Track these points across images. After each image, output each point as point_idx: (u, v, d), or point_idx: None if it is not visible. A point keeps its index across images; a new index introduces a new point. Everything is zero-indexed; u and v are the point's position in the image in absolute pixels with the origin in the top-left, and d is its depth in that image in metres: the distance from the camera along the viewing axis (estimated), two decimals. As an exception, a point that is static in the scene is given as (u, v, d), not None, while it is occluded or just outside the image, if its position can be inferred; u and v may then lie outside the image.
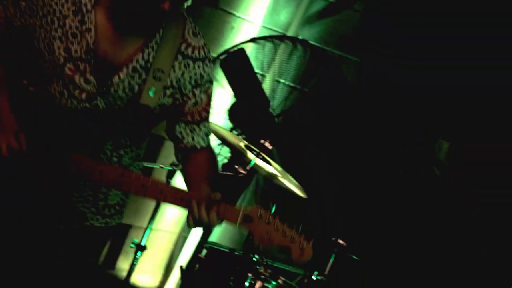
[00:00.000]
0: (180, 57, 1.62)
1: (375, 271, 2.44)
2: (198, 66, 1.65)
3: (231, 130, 2.76)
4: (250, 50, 2.97)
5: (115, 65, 1.61)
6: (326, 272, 2.24)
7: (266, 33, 3.14)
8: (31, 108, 1.66)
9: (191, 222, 1.56)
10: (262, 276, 2.27)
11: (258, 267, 2.25)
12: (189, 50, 1.62)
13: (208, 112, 1.76)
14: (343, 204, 2.91)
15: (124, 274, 2.76)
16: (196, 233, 3.00)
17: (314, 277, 2.22)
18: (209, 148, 1.79)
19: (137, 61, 1.59)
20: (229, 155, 2.65)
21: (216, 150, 2.81)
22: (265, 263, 2.24)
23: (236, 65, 2.71)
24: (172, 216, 3.37)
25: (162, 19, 1.55)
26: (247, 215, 1.54)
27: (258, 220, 1.53)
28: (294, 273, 2.33)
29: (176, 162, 2.59)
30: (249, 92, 2.69)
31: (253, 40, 2.91)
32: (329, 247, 2.27)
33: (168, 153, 2.97)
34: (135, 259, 2.51)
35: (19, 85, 1.66)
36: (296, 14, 3.15)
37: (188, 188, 1.66)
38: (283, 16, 3.20)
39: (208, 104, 1.74)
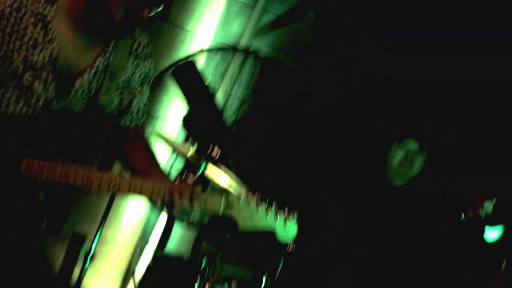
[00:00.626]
0: (132, 58, 1.71)
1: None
2: (148, 64, 1.75)
3: (186, 139, 2.87)
4: (203, 61, 3.08)
5: (77, 70, 1.65)
6: (276, 277, 2.35)
7: (218, 45, 3.25)
8: None
9: (176, 214, 1.57)
10: (213, 280, 2.36)
11: (207, 270, 2.34)
12: (140, 49, 1.71)
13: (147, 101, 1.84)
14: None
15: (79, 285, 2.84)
16: (153, 243, 3.09)
17: (264, 281, 2.32)
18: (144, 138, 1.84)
19: (98, 66, 1.64)
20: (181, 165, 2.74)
21: (170, 161, 2.91)
22: (213, 267, 2.33)
23: (186, 76, 2.81)
24: (129, 226, 3.46)
25: (136, 25, 1.61)
26: (229, 202, 1.55)
27: (239, 206, 1.54)
28: (244, 277, 2.43)
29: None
30: (201, 102, 2.79)
31: (203, 51, 3.03)
32: (279, 251, 2.39)
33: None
34: (83, 268, 2.57)
35: None
36: (248, 26, 3.29)
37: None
38: (235, 28, 3.36)
39: (148, 98, 1.82)
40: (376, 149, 2.72)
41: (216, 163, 2.27)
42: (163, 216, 2.94)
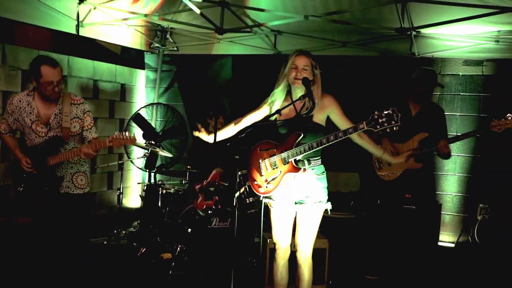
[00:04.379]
0: (73, 106, 3.59)
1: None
2: (82, 106, 3.65)
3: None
4: (144, 110, 7.21)
5: (48, 117, 3.46)
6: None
7: (147, 103, 7.33)
8: (25, 149, 3.61)
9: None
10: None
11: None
12: (75, 101, 3.62)
13: (92, 123, 3.69)
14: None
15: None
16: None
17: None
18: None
19: (56, 113, 3.50)
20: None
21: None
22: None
23: (139, 118, 6.05)
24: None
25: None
26: (109, 140, 3.46)
27: (113, 139, 3.47)
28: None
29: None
30: (146, 127, 6.38)
31: (143, 107, 7.15)
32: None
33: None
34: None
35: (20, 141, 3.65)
36: (156, 93, 7.25)
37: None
38: (152, 95, 7.31)
39: (91, 121, 3.69)
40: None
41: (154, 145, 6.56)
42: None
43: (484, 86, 6.11)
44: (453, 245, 5.99)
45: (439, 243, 5.62)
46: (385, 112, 2.84)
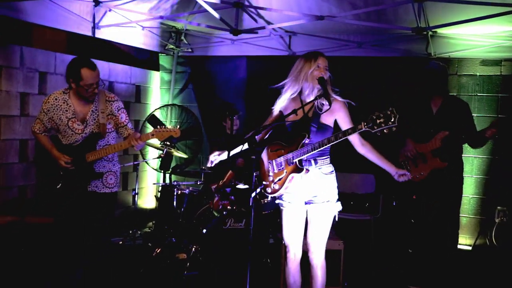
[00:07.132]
0: (108, 103, 3.61)
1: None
2: (116, 103, 3.65)
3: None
4: (159, 112, 7.32)
5: (84, 114, 3.51)
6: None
7: (162, 104, 7.42)
8: (61, 148, 3.58)
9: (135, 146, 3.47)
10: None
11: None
12: (110, 98, 3.62)
13: (128, 119, 3.68)
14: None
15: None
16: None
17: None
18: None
19: (93, 110, 3.54)
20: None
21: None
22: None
23: (154, 119, 6.64)
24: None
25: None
26: (152, 133, 3.49)
27: (155, 132, 3.50)
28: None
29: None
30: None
31: (158, 108, 7.30)
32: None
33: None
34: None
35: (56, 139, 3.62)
36: (171, 94, 7.37)
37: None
38: (166, 96, 7.42)
39: (126, 117, 3.67)
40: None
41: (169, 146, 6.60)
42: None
43: (502, 86, 6.03)
44: (470, 247, 5.92)
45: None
46: (383, 113, 2.82)
